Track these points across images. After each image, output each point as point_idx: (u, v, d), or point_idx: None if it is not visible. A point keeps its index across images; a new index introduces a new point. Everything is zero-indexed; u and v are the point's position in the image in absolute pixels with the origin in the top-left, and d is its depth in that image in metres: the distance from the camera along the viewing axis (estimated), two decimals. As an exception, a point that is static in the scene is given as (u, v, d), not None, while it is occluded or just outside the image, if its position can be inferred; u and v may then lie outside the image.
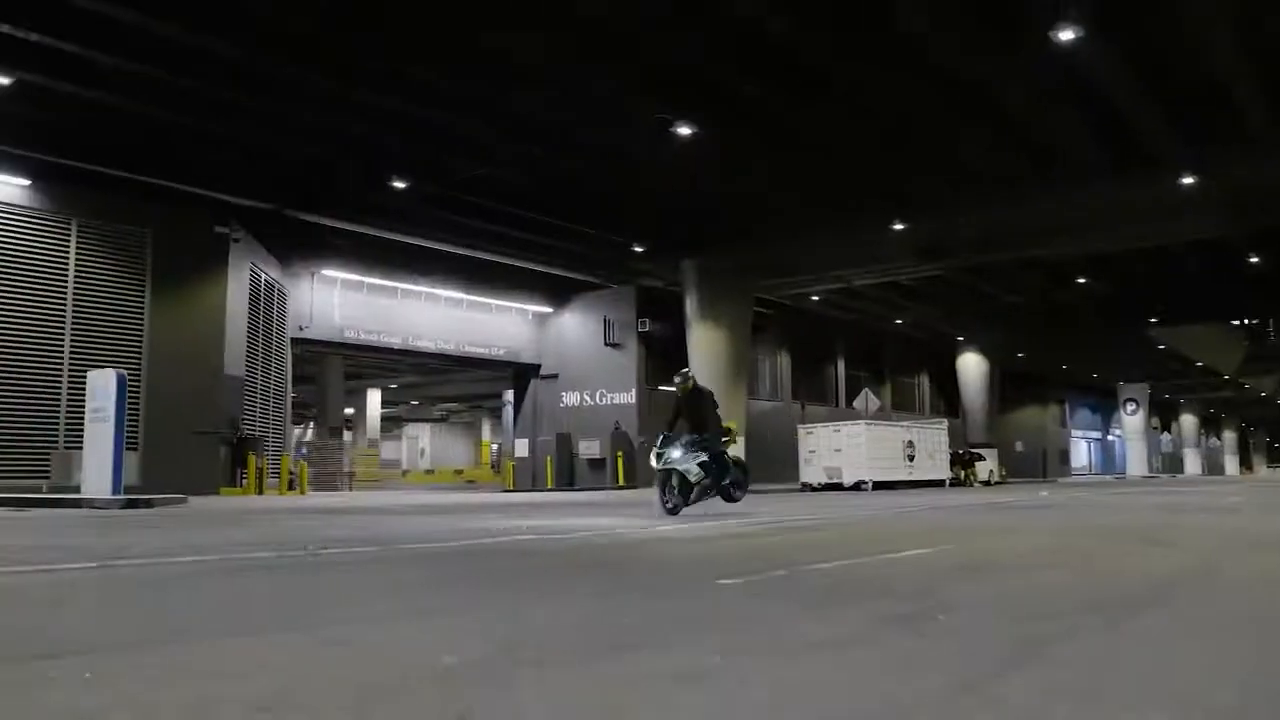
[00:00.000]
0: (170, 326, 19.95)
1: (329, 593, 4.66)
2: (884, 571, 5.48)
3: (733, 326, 27.39)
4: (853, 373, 41.66)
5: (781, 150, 19.39)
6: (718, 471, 12.27)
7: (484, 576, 5.32)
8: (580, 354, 31.06)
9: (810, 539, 8.39)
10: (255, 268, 22.52)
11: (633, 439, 29.35)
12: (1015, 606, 4.10)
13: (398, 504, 16.96)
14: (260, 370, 23.09)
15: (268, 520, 10.93)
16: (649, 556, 6.59)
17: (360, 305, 26.97)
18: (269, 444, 23.33)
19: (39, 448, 17.98)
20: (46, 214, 18.78)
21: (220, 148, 18.68)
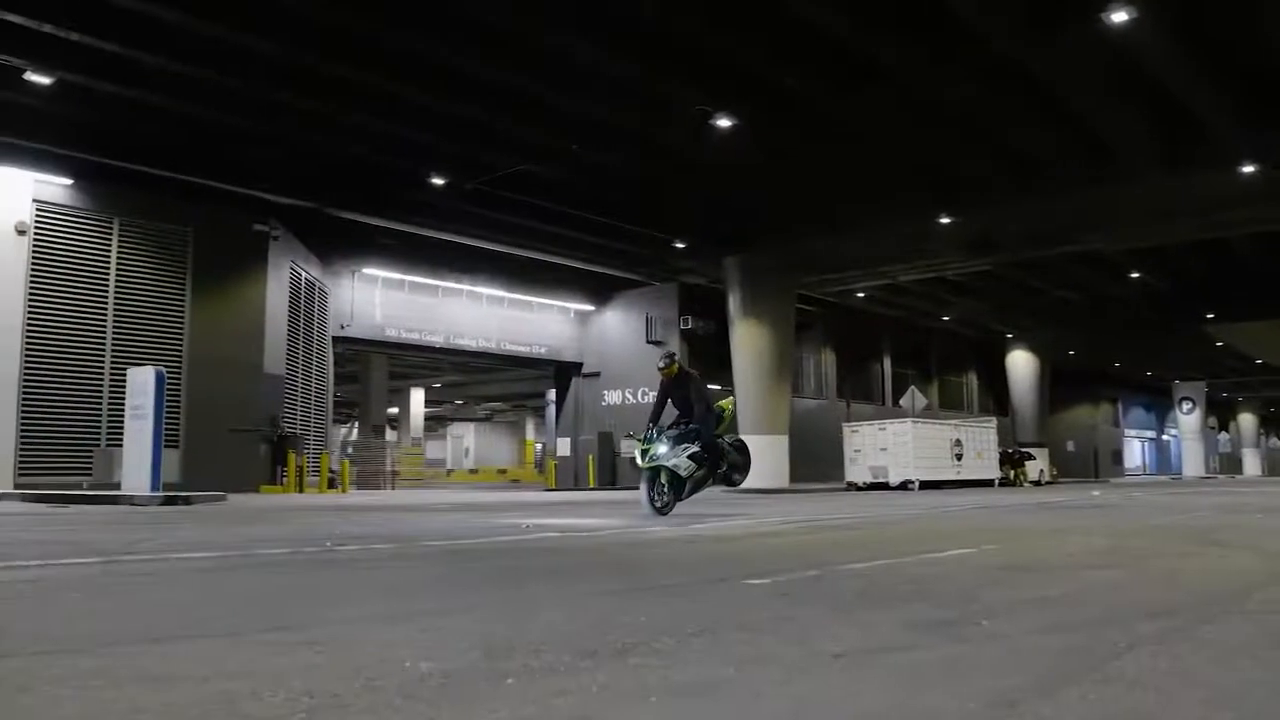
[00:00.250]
0: (210, 325, 20.02)
1: (330, 591, 4.43)
2: (923, 572, 5.14)
3: (776, 324, 27.05)
4: (899, 370, 41.16)
5: (824, 142, 18.99)
6: (713, 460, 11.23)
7: (499, 575, 5.06)
8: (622, 352, 30.87)
9: (848, 538, 8.05)
10: (295, 266, 22.53)
11: None
12: (1066, 612, 3.74)
13: (433, 502, 16.84)
14: (301, 369, 23.11)
15: (297, 517, 10.82)
16: (677, 556, 6.30)
17: (401, 304, 26.95)
18: (310, 442, 23.35)
19: (82, 445, 18.08)
20: (89, 213, 18.90)
21: (260, 146, 18.71)
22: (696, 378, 11.65)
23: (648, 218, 23.96)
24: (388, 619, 3.49)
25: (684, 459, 10.71)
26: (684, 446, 10.77)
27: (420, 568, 5.41)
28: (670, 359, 11.54)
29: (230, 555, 5.91)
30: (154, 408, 15.14)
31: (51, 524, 9.35)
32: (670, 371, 11.43)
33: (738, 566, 5.56)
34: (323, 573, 5.12)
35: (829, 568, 5.31)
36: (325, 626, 3.27)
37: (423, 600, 4.08)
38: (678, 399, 11.47)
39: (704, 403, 11.24)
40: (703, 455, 10.90)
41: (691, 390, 11.36)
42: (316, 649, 2.84)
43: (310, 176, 20.38)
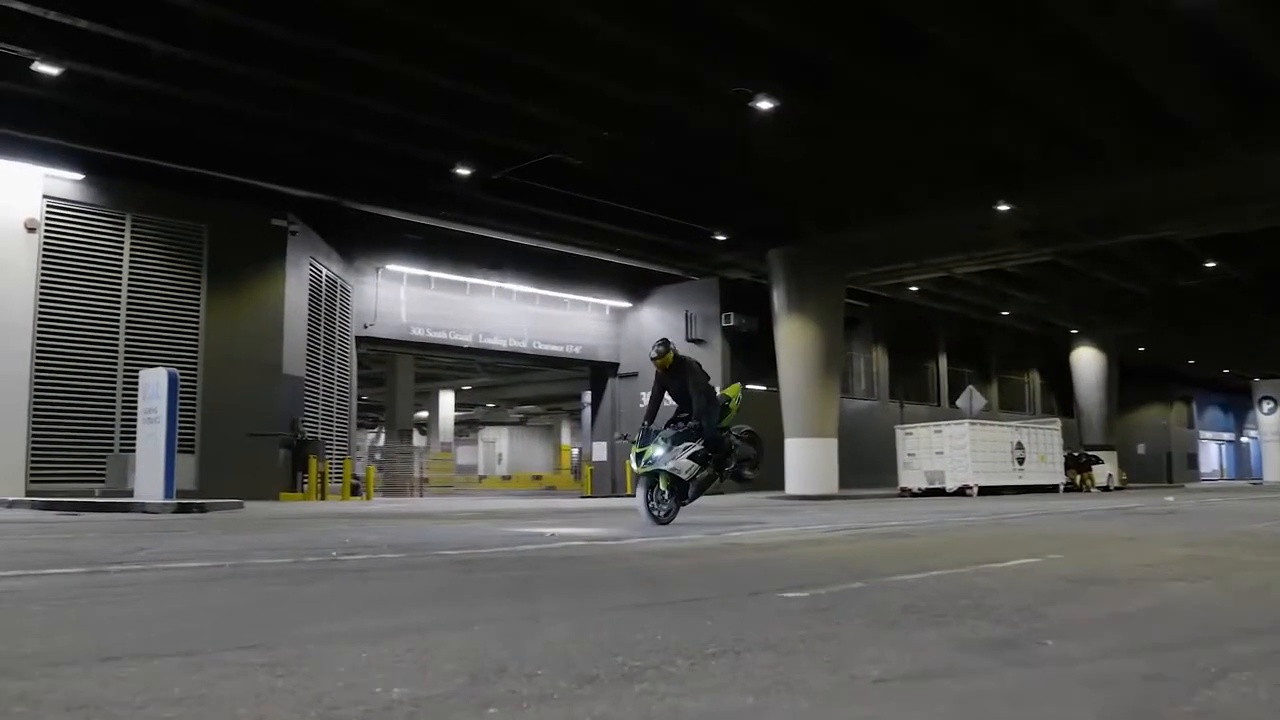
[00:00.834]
0: (227, 324, 20.04)
1: (319, 604, 4.23)
2: (981, 584, 4.85)
3: (824, 320, 26.73)
4: (955, 369, 40.69)
5: (873, 125, 18.61)
6: (718, 458, 10.61)
7: (508, 587, 4.83)
8: None
9: (898, 546, 7.76)
10: (315, 263, 22.54)
11: None
12: (1143, 630, 3.44)
13: (459, 509, 16.73)
14: (322, 370, 23.10)
15: (311, 525, 10.72)
16: (709, 566, 6.07)
17: (427, 301, 26.91)
18: (332, 447, 23.34)
19: (95, 450, 18.15)
20: (100, 209, 18.96)
21: (277, 137, 18.68)
22: (695, 366, 10.95)
23: (685, 208, 23.71)
24: (372, 636, 3.26)
25: (684, 460, 10.13)
26: (684, 446, 10.17)
27: (425, 579, 5.22)
28: (664, 347, 10.77)
29: (225, 565, 5.78)
30: (167, 411, 15.16)
31: (52, 532, 9.30)
32: (665, 361, 10.68)
33: (774, 577, 5.30)
34: (318, 584, 4.94)
35: (875, 579, 5.07)
36: (298, 645, 3.05)
37: (418, 614, 3.86)
38: (675, 392, 10.82)
39: (705, 394, 10.62)
40: (705, 453, 10.33)
41: (690, 381, 10.65)
42: (279, 671, 2.61)
43: (329, 168, 20.34)
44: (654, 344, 10.87)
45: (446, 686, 2.44)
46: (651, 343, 11.09)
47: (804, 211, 24.43)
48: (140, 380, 15.96)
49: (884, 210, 23.76)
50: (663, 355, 10.63)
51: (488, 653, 2.92)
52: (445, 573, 5.50)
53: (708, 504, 18.89)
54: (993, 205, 23.17)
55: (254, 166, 19.68)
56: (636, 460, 10.24)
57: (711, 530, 9.40)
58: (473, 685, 2.46)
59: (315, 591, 4.65)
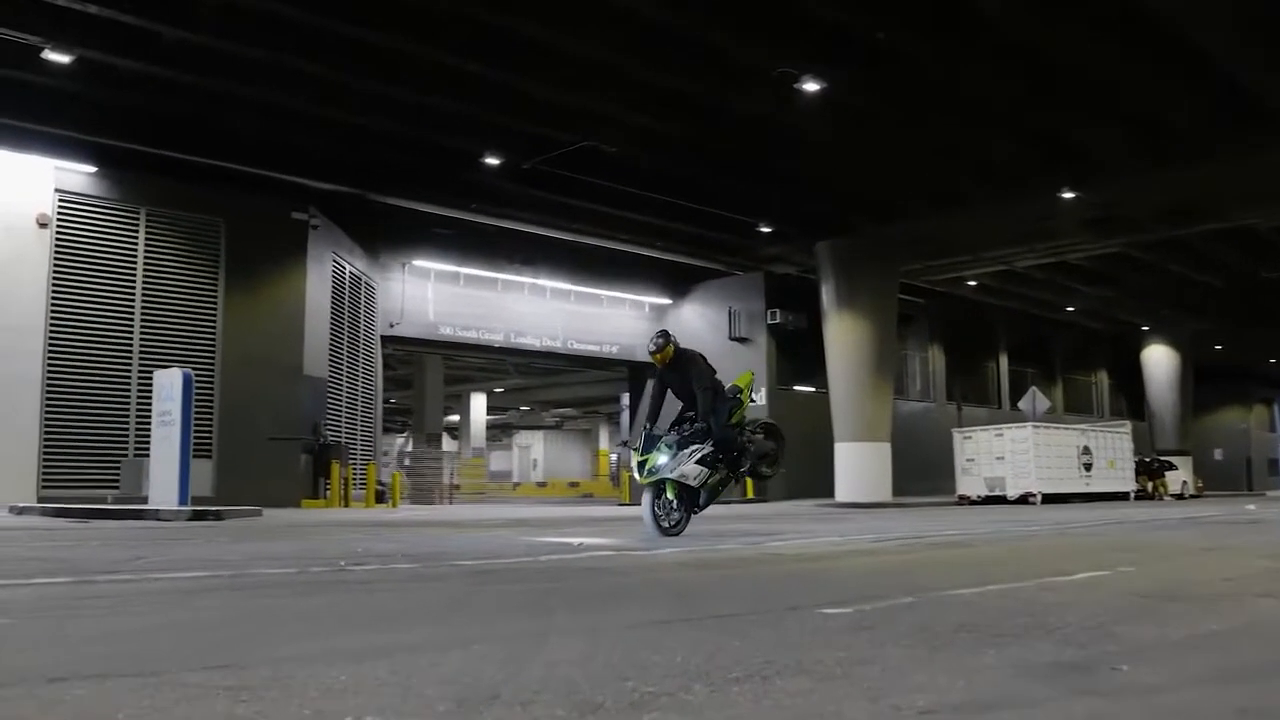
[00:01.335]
0: (246, 323, 20.06)
1: (313, 618, 4.08)
2: (1044, 600, 4.64)
3: (876, 317, 26.47)
4: (1017, 369, 40.28)
5: (928, 107, 18.28)
6: (733, 458, 10.14)
7: (523, 600, 4.67)
8: (701, 349, 29.77)
9: (954, 558, 7.54)
10: (338, 258, 22.56)
11: None
12: (1231, 653, 3.19)
13: (488, 518, 16.65)
14: (345, 371, 23.08)
15: (327, 533, 10.66)
16: (746, 578, 5.90)
17: (456, 299, 26.86)
18: (356, 452, 23.35)
19: (109, 455, 18.23)
20: (114, 203, 19.02)
21: (297, 126, 18.65)
22: (699, 359, 10.40)
23: (728, 199, 23.50)
24: (358, 655, 3.08)
25: (690, 465, 9.61)
26: (691, 450, 9.66)
27: (433, 591, 5.09)
28: (662, 339, 10.22)
29: (223, 575, 5.67)
30: (181, 413, 15.17)
31: (54, 540, 9.26)
32: (664, 356, 10.14)
33: (816, 591, 5.11)
34: (316, 596, 4.81)
35: (926, 594, 4.87)
36: (275, 664, 2.87)
37: (415, 630, 3.69)
38: (679, 389, 10.34)
39: (710, 388, 10.07)
40: (715, 456, 9.84)
41: (693, 376, 10.10)
42: (243, 696, 2.43)
43: (352, 159, 20.31)
44: (651, 337, 10.42)
45: (426, 715, 2.25)
46: (694, 338, 10.80)
47: (854, 201, 24.12)
48: (155, 381, 15.99)
49: (939, 199, 23.44)
50: (661, 349, 10.15)
51: (482, 675, 2.73)
52: (457, 585, 5.35)
53: (748, 512, 18.85)
54: (1056, 193, 22.79)
55: (273, 157, 19.69)
56: (639, 470, 9.75)
57: (751, 540, 9.24)
58: (458, 713, 2.26)
59: (310, 605, 4.51)
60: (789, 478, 28.82)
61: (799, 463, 28.94)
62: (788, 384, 29.63)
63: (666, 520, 9.62)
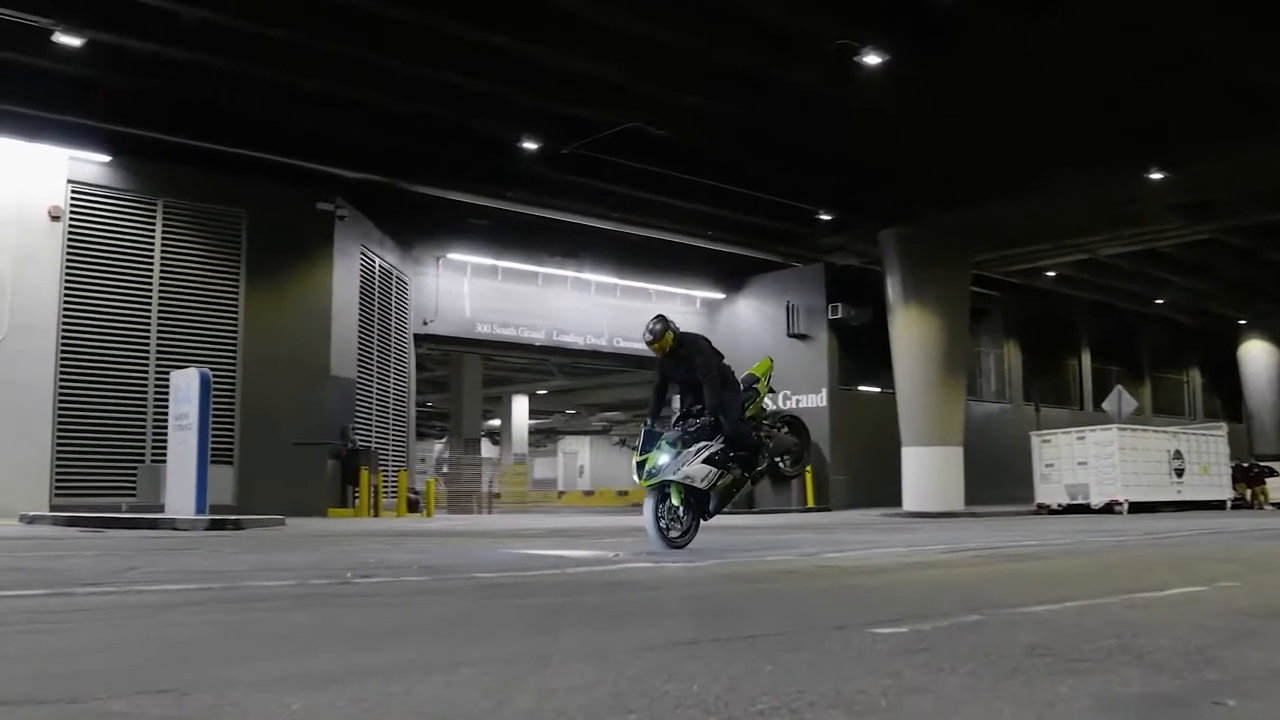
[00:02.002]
0: (268, 320, 20.09)
1: (292, 636, 3.91)
2: (1133, 619, 4.35)
3: (946, 311, 26.17)
4: (1101, 367, 39.71)
5: (1001, 81, 17.92)
6: (747, 456, 9.53)
7: (535, 617, 4.47)
8: (758, 348, 29.69)
9: (1029, 571, 7.30)
10: (367, 251, 22.58)
11: (824, 450, 28.39)
12: (1360, 682, 2.85)
13: (524, 528, 16.59)
14: (375, 371, 23.08)
15: (344, 544, 10.57)
16: (790, 594, 5.69)
17: (494, 294, 26.80)
18: (387, 458, 23.37)
19: (125, 461, 18.31)
20: (130, 194, 19.09)
21: (322, 112, 18.62)
22: (704, 345, 9.80)
23: (785, 185, 23.20)
24: (326, 678, 2.84)
25: (697, 465, 9.02)
26: (698, 448, 9.07)
27: (438, 606, 4.94)
28: (660, 325, 9.59)
29: (214, 588, 5.57)
30: (199, 416, 15.20)
31: (52, 549, 9.29)
32: (664, 344, 9.55)
33: (868, 608, 4.85)
34: (305, 611, 4.66)
35: (996, 611, 4.59)
36: (222, 690, 2.64)
37: (403, 650, 3.47)
38: (683, 380, 9.78)
39: (717, 377, 9.50)
40: (724, 454, 9.23)
41: (698, 364, 9.50)
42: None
43: (381, 145, 20.24)
44: (648, 324, 9.79)
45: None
46: (749, 335, 10.42)
47: (921, 186, 23.75)
48: (171, 382, 16.05)
49: (1015, 183, 23.00)
50: (660, 336, 9.55)
51: (460, 705, 2.48)
52: (465, 599, 5.20)
53: (807, 521, 18.65)
54: (1143, 174, 22.36)
55: (297, 145, 19.64)
56: (638, 471, 9.21)
57: (805, 551, 9.08)
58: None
59: (295, 621, 4.34)
60: (853, 485, 28.70)
61: (864, 469, 29.01)
62: (851, 384, 29.33)
63: (674, 529, 9.12)
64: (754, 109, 19.03)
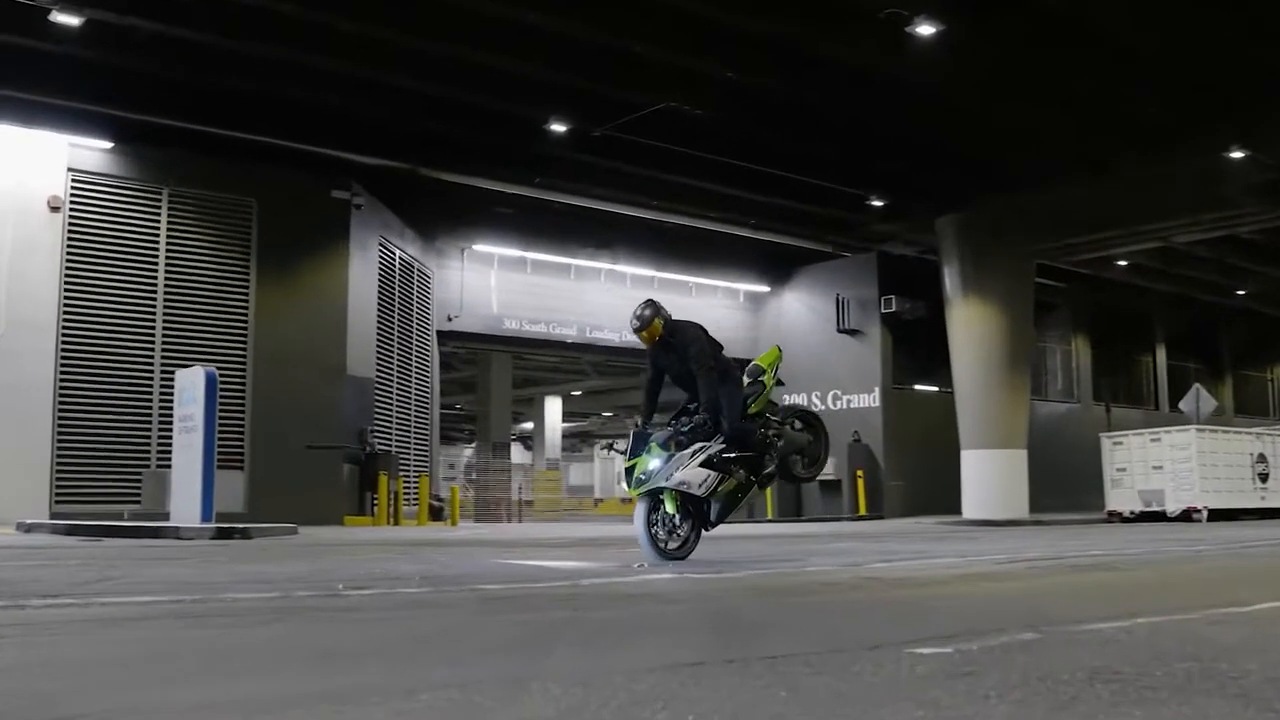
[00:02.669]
0: (281, 316, 20.05)
1: (245, 655, 3.69)
2: (1214, 638, 4.08)
3: (1009, 304, 25.95)
4: (1177, 363, 39.43)
5: (1067, 52, 17.62)
6: (753, 458, 8.99)
7: (526, 633, 4.28)
8: (806, 344, 29.80)
9: (1096, 583, 7.08)
10: (386, 243, 22.54)
11: (877, 454, 28.24)
12: None
13: (552, 537, 16.49)
14: (396, 371, 23.02)
15: (350, 554, 10.48)
16: (825, 607, 5.46)
17: (523, 288, 26.66)
18: (409, 463, 23.33)
19: (129, 466, 18.32)
20: (133, 183, 19.08)
21: (337, 93, 18.55)
22: (697, 333, 9.23)
23: (834, 168, 23.00)
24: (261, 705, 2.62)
25: (692, 469, 8.50)
26: (694, 449, 8.58)
27: (425, 620, 4.76)
28: (649, 311, 9.03)
29: (184, 600, 5.41)
30: (204, 418, 15.09)
31: (32, 559, 9.19)
32: (653, 333, 9.00)
33: (910, 625, 4.60)
34: (273, 626, 4.51)
35: (1056, 628, 4.32)
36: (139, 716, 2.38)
37: (366, 671, 3.25)
38: (677, 374, 9.23)
39: (714, 369, 8.95)
40: (725, 455, 8.72)
41: (691, 355, 8.96)
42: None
43: (400, 129, 20.19)
44: (633, 314, 9.18)
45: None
46: (796, 330, 10.05)
47: (981, 168, 23.47)
48: (176, 382, 15.97)
49: (1082, 163, 22.71)
50: (648, 324, 8.98)
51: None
52: (459, 613, 5.03)
53: (856, 530, 18.45)
54: (1223, 152, 22.02)
55: (311, 129, 19.61)
56: (626, 478, 8.74)
57: (848, 561, 8.90)
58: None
59: (256, 637, 4.15)
60: (908, 491, 28.42)
61: (920, 474, 28.71)
62: (905, 383, 29.09)
63: (671, 541, 8.61)
64: (798, 85, 18.81)
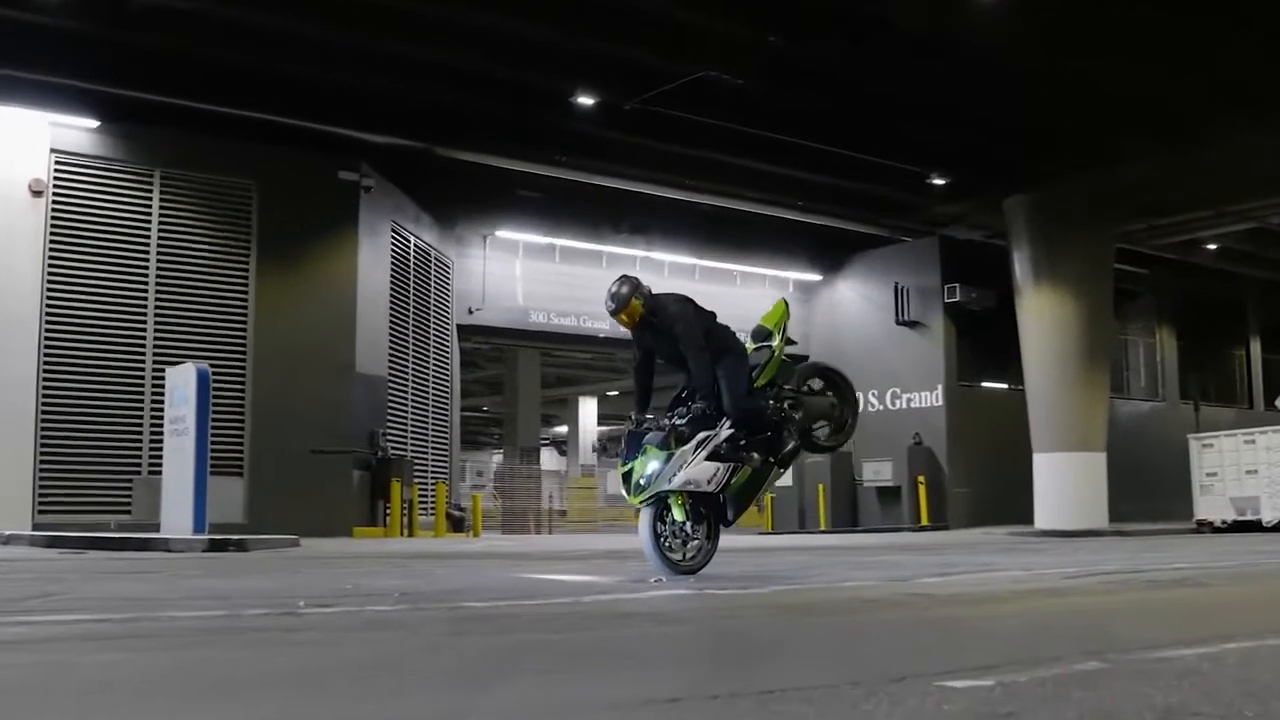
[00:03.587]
0: (284, 309, 19.93)
1: (134, 683, 3.42)
2: None
3: (1085, 292, 25.69)
4: (1273, 357, 38.83)
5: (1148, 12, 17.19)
6: (768, 438, 8.51)
7: (489, 658, 4.01)
8: (861, 337, 29.83)
9: (1174, 601, 6.80)
10: (399, 229, 22.44)
11: (940, 458, 27.98)
12: None
13: (570, 549, 16.37)
14: (411, 368, 22.91)
15: (341, 568, 10.33)
16: (853, 628, 5.15)
17: (550, 278, 26.52)
18: (426, 469, 23.24)
19: (118, 473, 18.28)
20: (122, 165, 18.98)
21: (344, 65, 18.42)
22: (679, 307, 8.63)
23: (890, 142, 22.64)
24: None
25: (698, 465, 8.00)
26: (697, 440, 8.07)
27: (378, 644, 4.50)
28: (626, 289, 8.43)
29: (112, 620, 5.28)
30: (197, 420, 15.06)
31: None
32: (632, 315, 8.44)
33: (950, 651, 4.28)
34: (190, 651, 4.31)
35: (1124, 655, 3.93)
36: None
37: (249, 707, 2.95)
38: (669, 355, 8.71)
39: (704, 348, 8.39)
40: (735, 442, 8.23)
41: (678, 334, 8.41)
42: None
43: (412, 104, 20.04)
44: (609, 289, 8.56)
45: None
46: (851, 322, 9.56)
47: (1054, 142, 23.11)
48: (166, 381, 15.97)
49: (1167, 135, 22.32)
50: (625, 304, 8.40)
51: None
52: (420, 635, 4.78)
53: (915, 541, 18.28)
54: (1325, 120, 21.41)
55: (315, 105, 19.49)
56: (624, 485, 8.25)
57: (897, 575, 8.60)
58: None
59: (157, 664, 3.92)
60: (975, 499, 28.01)
61: (988, 480, 28.24)
62: (971, 380, 28.77)
63: (680, 551, 8.14)
64: (849, 51, 18.54)
